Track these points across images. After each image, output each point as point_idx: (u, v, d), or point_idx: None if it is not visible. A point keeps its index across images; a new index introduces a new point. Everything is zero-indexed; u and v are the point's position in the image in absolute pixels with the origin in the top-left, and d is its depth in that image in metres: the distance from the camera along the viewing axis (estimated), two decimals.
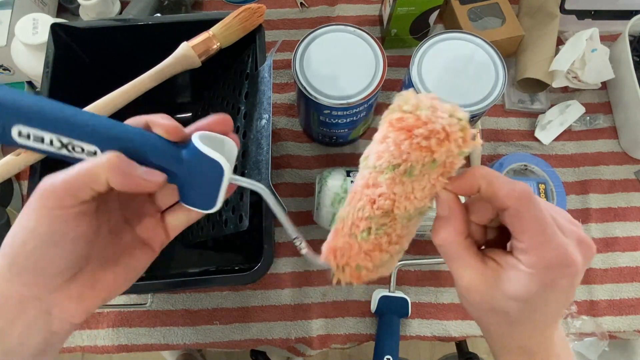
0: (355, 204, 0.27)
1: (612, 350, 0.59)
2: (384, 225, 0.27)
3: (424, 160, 0.25)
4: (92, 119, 0.25)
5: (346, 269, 0.29)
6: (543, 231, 0.24)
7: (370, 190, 0.27)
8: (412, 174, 0.25)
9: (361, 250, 0.28)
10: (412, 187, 0.26)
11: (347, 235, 0.28)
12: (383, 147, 0.26)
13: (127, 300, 0.55)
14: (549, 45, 0.63)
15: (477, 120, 0.56)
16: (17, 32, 0.54)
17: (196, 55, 0.46)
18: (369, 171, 0.27)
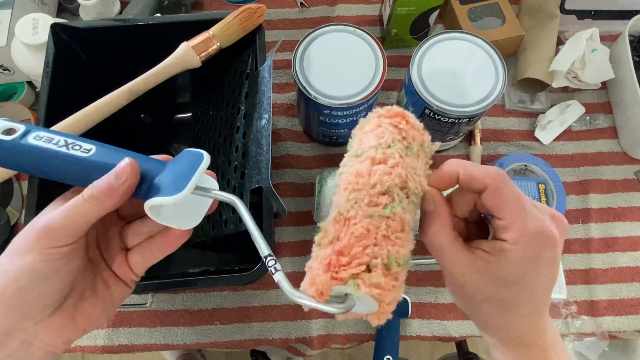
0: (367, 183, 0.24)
1: (612, 350, 0.59)
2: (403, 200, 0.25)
3: (419, 139, 0.28)
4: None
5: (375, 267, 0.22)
6: (521, 205, 0.25)
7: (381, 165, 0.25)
8: (412, 151, 0.27)
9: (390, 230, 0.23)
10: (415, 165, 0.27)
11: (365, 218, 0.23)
12: (380, 130, 0.27)
13: (127, 300, 0.55)
14: (549, 45, 0.63)
15: (477, 120, 0.56)
16: (17, 32, 0.54)
17: (196, 55, 0.46)
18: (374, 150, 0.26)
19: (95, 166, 0.27)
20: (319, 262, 0.23)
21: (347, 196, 0.25)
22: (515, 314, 0.27)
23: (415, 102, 0.52)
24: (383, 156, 0.25)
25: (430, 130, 0.55)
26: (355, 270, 0.22)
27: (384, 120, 0.28)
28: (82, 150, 0.27)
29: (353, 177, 0.25)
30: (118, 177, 0.26)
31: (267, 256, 0.26)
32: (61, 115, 0.42)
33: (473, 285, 0.26)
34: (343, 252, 0.22)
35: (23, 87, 0.64)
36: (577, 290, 0.58)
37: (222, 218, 0.46)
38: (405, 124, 0.27)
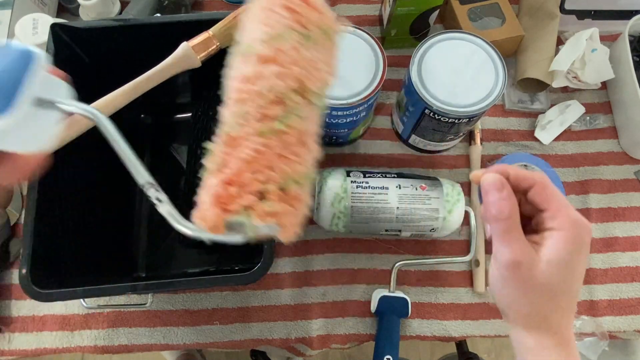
0: (254, 90, 0.21)
1: (612, 350, 0.59)
2: (300, 106, 0.21)
3: (320, 22, 0.22)
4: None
5: (269, 192, 0.20)
6: (564, 199, 0.30)
7: (272, 65, 0.21)
8: (311, 39, 0.22)
9: (284, 146, 0.20)
10: (316, 57, 0.22)
11: (254, 137, 0.20)
12: (270, 16, 0.22)
13: (127, 300, 0.55)
14: (549, 45, 0.63)
15: (477, 120, 0.56)
16: (17, 32, 0.54)
17: (196, 55, 0.46)
18: (261, 45, 0.21)
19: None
20: (208, 194, 0.20)
21: (233, 110, 0.21)
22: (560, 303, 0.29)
23: (415, 102, 0.52)
24: (273, 52, 0.21)
25: (430, 130, 0.55)
26: (245, 201, 0.19)
27: (274, 2, 0.22)
28: None
29: (239, 82, 0.22)
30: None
31: (145, 184, 0.21)
32: None
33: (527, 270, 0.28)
34: (232, 181, 0.20)
35: None
36: None
37: None
38: (302, 5, 0.22)
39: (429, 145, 0.60)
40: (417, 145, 0.61)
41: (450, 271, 0.58)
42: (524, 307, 0.30)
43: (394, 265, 0.55)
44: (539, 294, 0.29)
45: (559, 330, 0.29)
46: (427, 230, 0.53)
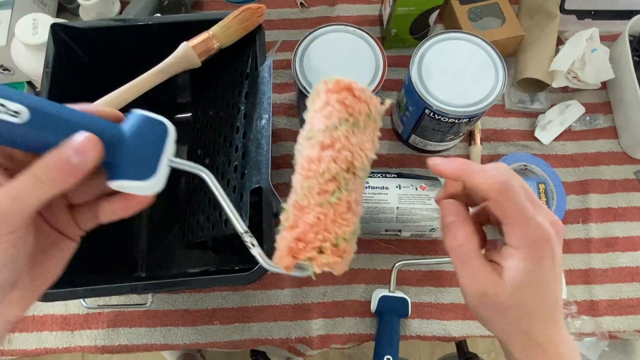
0: (317, 171, 0.28)
1: (612, 350, 0.59)
2: (349, 181, 0.29)
3: (365, 111, 0.30)
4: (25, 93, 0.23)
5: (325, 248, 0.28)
6: (523, 215, 0.27)
7: (329, 151, 0.29)
8: (359, 126, 0.30)
9: (337, 215, 0.28)
10: (362, 139, 0.30)
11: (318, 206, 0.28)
12: (328, 109, 0.29)
13: (127, 300, 0.56)
14: (549, 45, 0.63)
15: (477, 120, 0.56)
16: (17, 32, 0.54)
17: (196, 55, 0.46)
18: (322, 134, 0.29)
19: (35, 138, 0.22)
20: (284, 245, 0.28)
21: (301, 183, 0.29)
22: (535, 319, 0.28)
23: (415, 102, 0.52)
24: (330, 140, 0.29)
25: (430, 130, 0.55)
26: (309, 253, 0.28)
27: (331, 96, 0.30)
28: (7, 112, 0.21)
29: (306, 162, 0.29)
30: (80, 155, 0.23)
31: (243, 233, 0.29)
32: None
33: (494, 297, 0.28)
34: (300, 238, 0.28)
35: (23, 87, 0.64)
36: (577, 290, 0.58)
37: (222, 218, 0.46)
38: (351, 99, 0.29)
39: (429, 145, 0.60)
40: (417, 145, 0.61)
41: (450, 271, 0.58)
42: (500, 326, 0.29)
43: (394, 265, 0.55)
44: (512, 315, 0.28)
45: (544, 342, 0.29)
46: (427, 230, 0.53)
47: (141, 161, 0.25)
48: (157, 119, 0.26)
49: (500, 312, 0.28)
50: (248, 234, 0.28)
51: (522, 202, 0.27)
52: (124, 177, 0.25)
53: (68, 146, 0.23)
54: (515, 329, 0.29)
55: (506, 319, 0.29)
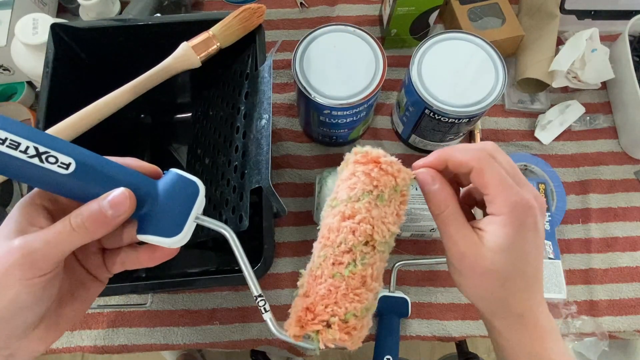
0: (334, 241, 0.28)
1: (612, 350, 0.59)
2: (367, 255, 0.28)
3: (391, 184, 0.29)
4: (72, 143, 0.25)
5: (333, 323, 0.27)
6: (503, 182, 0.28)
7: (348, 222, 0.28)
8: (383, 199, 0.29)
9: (349, 289, 0.27)
10: (385, 212, 0.29)
11: (330, 278, 0.28)
12: (353, 180, 0.29)
13: (127, 300, 0.56)
14: (549, 45, 0.63)
15: (477, 120, 0.56)
16: (17, 32, 0.54)
17: (196, 55, 0.46)
18: (344, 204, 0.29)
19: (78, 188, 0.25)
20: (295, 313, 0.28)
21: (319, 251, 0.29)
22: (513, 288, 0.29)
23: (415, 102, 0.52)
24: (351, 212, 0.28)
25: (430, 130, 0.55)
26: (317, 327, 0.27)
27: (357, 167, 0.29)
28: (59, 165, 0.23)
29: (326, 231, 0.29)
30: (114, 207, 0.25)
31: (257, 297, 0.29)
32: (61, 116, 0.42)
33: (472, 258, 0.28)
34: (310, 309, 0.27)
35: (23, 87, 0.64)
36: (577, 290, 0.58)
37: (222, 218, 0.46)
38: (377, 172, 0.29)
39: (429, 145, 0.60)
40: (417, 145, 0.61)
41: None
42: (479, 293, 0.30)
43: (394, 265, 0.55)
44: (490, 281, 0.28)
45: (523, 313, 0.29)
46: (427, 230, 0.53)
47: (169, 219, 0.27)
48: (190, 180, 0.27)
49: (480, 276, 0.29)
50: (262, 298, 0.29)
51: (500, 170, 0.28)
52: (151, 233, 0.26)
53: (105, 199, 0.25)
54: (493, 296, 0.29)
55: (484, 284, 0.29)
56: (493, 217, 0.28)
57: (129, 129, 0.63)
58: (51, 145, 0.23)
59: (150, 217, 0.26)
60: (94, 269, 0.30)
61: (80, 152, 0.24)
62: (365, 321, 0.28)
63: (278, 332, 0.29)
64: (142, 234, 0.27)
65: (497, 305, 0.30)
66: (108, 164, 0.26)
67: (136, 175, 0.26)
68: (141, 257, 0.29)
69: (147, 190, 0.26)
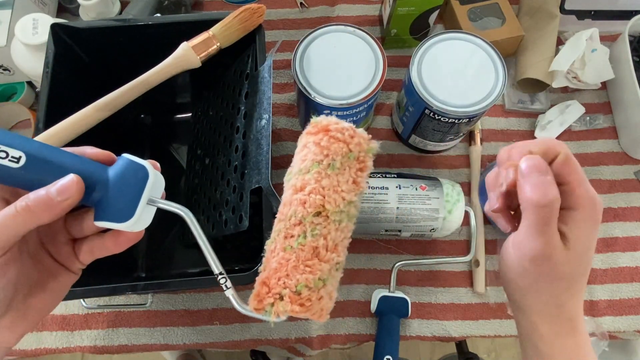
0: (285, 216, 0.28)
1: (612, 350, 0.59)
2: (319, 226, 0.28)
3: (342, 151, 0.28)
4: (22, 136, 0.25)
5: (285, 294, 0.27)
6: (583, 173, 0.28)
7: (299, 194, 0.28)
8: (334, 167, 0.28)
9: (299, 261, 0.27)
10: (338, 180, 0.28)
11: (282, 251, 0.28)
12: (305, 151, 0.29)
13: (127, 300, 0.56)
14: (549, 45, 0.63)
15: (477, 120, 0.56)
16: (17, 32, 0.54)
17: (196, 55, 0.46)
18: (295, 177, 0.29)
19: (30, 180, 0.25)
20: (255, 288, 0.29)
21: (275, 226, 0.29)
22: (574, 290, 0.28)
23: (415, 102, 0.52)
24: (302, 184, 0.28)
25: (430, 130, 0.55)
26: (270, 300, 0.27)
27: (309, 138, 0.29)
28: (10, 159, 0.24)
29: (281, 205, 0.29)
30: (60, 193, 0.25)
31: (218, 274, 0.29)
32: (61, 116, 0.42)
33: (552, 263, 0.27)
34: (265, 282, 0.28)
35: (23, 87, 0.64)
36: None
37: (222, 218, 0.46)
38: (326, 140, 0.28)
39: (429, 145, 0.60)
40: (417, 145, 0.61)
41: (450, 271, 0.58)
42: (541, 296, 0.29)
43: (394, 266, 0.55)
44: (560, 284, 0.28)
45: (572, 317, 0.29)
46: (427, 230, 0.53)
47: (121, 204, 0.27)
48: (139, 164, 0.27)
49: (552, 280, 0.28)
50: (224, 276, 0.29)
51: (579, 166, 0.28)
52: (105, 219, 0.27)
53: (53, 186, 0.25)
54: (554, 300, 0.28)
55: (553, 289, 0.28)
56: (574, 213, 0.28)
57: (129, 129, 0.63)
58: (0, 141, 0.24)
59: (104, 203, 0.27)
60: (65, 259, 0.30)
61: (30, 145, 0.25)
62: (324, 292, 0.28)
63: (240, 307, 0.29)
64: (98, 220, 0.27)
65: (555, 311, 0.29)
66: (59, 154, 0.26)
67: (87, 163, 0.27)
68: (107, 243, 0.29)
69: (97, 177, 0.27)
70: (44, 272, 0.29)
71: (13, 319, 0.27)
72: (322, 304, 0.28)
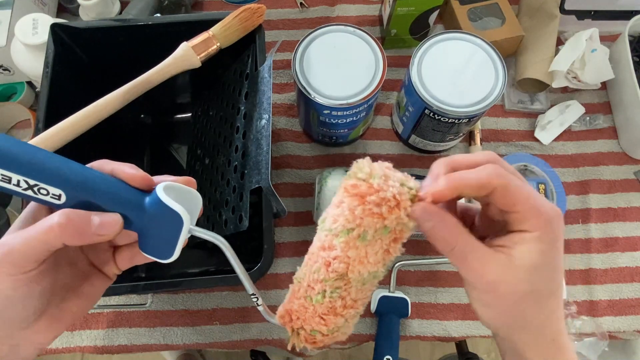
0: (311, 266, 0.29)
1: (612, 350, 0.59)
2: (339, 289, 0.28)
3: (376, 226, 0.26)
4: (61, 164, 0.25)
5: (301, 332, 0.30)
6: (530, 196, 0.25)
7: (325, 253, 0.28)
8: (365, 239, 0.26)
9: (316, 313, 0.29)
10: (366, 252, 0.27)
11: (303, 298, 0.29)
12: (338, 211, 0.27)
13: (127, 300, 0.55)
14: (549, 45, 0.63)
15: (477, 120, 0.56)
16: (17, 32, 0.54)
17: (196, 55, 0.46)
18: (325, 234, 0.28)
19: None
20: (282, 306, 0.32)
21: (303, 265, 0.30)
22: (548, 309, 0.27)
23: (415, 103, 0.52)
24: (329, 245, 0.28)
25: (430, 130, 0.55)
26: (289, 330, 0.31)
27: (345, 197, 0.27)
28: (51, 197, 0.25)
29: (310, 250, 0.30)
30: (101, 228, 0.25)
31: (252, 294, 0.32)
32: (61, 116, 0.42)
33: (507, 285, 0.26)
34: (288, 312, 0.31)
35: (23, 87, 0.64)
36: (577, 290, 0.58)
37: (222, 218, 0.46)
38: (360, 210, 0.26)
39: (429, 145, 0.60)
40: (417, 145, 0.61)
41: (450, 271, 0.58)
42: (516, 323, 0.27)
43: (394, 265, 0.55)
44: (528, 306, 0.26)
45: (555, 337, 0.27)
46: None
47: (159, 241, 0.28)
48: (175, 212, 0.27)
49: (517, 303, 0.26)
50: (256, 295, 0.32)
51: (523, 184, 0.26)
52: (147, 252, 0.28)
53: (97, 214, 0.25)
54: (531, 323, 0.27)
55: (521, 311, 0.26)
56: (525, 234, 0.25)
57: (129, 129, 0.63)
58: (40, 177, 0.24)
59: (144, 235, 0.28)
60: (102, 265, 0.30)
61: (69, 180, 0.25)
62: (338, 334, 0.30)
63: (270, 318, 0.32)
64: (142, 250, 0.28)
65: (533, 334, 0.27)
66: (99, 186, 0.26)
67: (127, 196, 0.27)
68: None
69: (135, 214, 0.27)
70: (80, 276, 0.29)
71: (48, 323, 0.27)
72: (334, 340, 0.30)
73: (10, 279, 0.24)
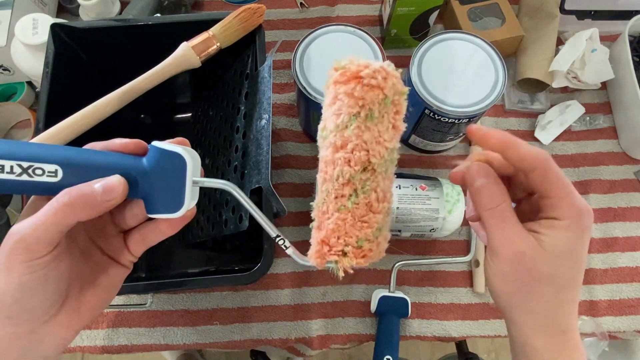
0: (332, 175, 0.28)
1: (612, 350, 0.59)
2: (368, 181, 0.27)
3: (378, 98, 0.26)
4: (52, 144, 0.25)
5: (347, 250, 0.28)
6: (568, 187, 0.27)
7: (341, 152, 0.27)
8: (373, 117, 0.27)
9: (356, 219, 0.28)
10: (378, 131, 0.27)
11: (336, 212, 0.28)
12: (337, 105, 0.27)
13: (127, 300, 0.55)
14: (549, 45, 0.63)
15: (477, 120, 0.56)
16: (17, 32, 0.54)
17: (196, 55, 0.46)
18: (333, 135, 0.27)
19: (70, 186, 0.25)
20: (314, 245, 0.29)
21: (320, 185, 0.29)
22: (565, 298, 0.27)
23: (415, 103, 0.52)
24: (342, 141, 0.27)
25: (430, 131, 0.55)
26: (334, 257, 0.28)
27: (339, 89, 0.27)
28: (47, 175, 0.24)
29: (323, 164, 0.28)
30: (105, 192, 0.25)
31: (276, 237, 0.30)
32: (61, 116, 0.42)
33: (532, 260, 0.26)
34: (325, 242, 0.28)
35: (23, 87, 0.64)
36: None
37: (222, 218, 0.46)
38: (360, 89, 0.26)
39: (429, 146, 0.60)
40: (417, 145, 0.61)
41: (450, 271, 0.58)
42: (528, 304, 0.27)
43: (394, 266, 0.55)
44: (545, 289, 0.27)
45: (567, 329, 0.27)
46: (427, 230, 0.53)
47: (167, 194, 0.27)
48: (174, 152, 0.27)
49: (535, 283, 0.27)
50: (281, 237, 0.30)
51: (563, 174, 0.27)
52: (157, 212, 0.27)
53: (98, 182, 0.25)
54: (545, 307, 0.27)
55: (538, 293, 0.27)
56: (555, 221, 0.27)
57: (129, 129, 0.62)
58: (33, 157, 0.24)
59: (150, 196, 0.27)
60: (115, 252, 0.30)
61: (63, 155, 0.25)
62: (382, 238, 0.29)
63: (303, 261, 0.30)
64: (151, 213, 0.28)
65: (546, 321, 0.28)
66: (94, 157, 0.26)
67: (125, 159, 0.27)
68: (161, 226, 0.29)
69: (137, 172, 0.27)
70: (95, 267, 0.29)
71: (69, 316, 0.27)
72: (380, 249, 0.29)
73: (24, 265, 0.24)
